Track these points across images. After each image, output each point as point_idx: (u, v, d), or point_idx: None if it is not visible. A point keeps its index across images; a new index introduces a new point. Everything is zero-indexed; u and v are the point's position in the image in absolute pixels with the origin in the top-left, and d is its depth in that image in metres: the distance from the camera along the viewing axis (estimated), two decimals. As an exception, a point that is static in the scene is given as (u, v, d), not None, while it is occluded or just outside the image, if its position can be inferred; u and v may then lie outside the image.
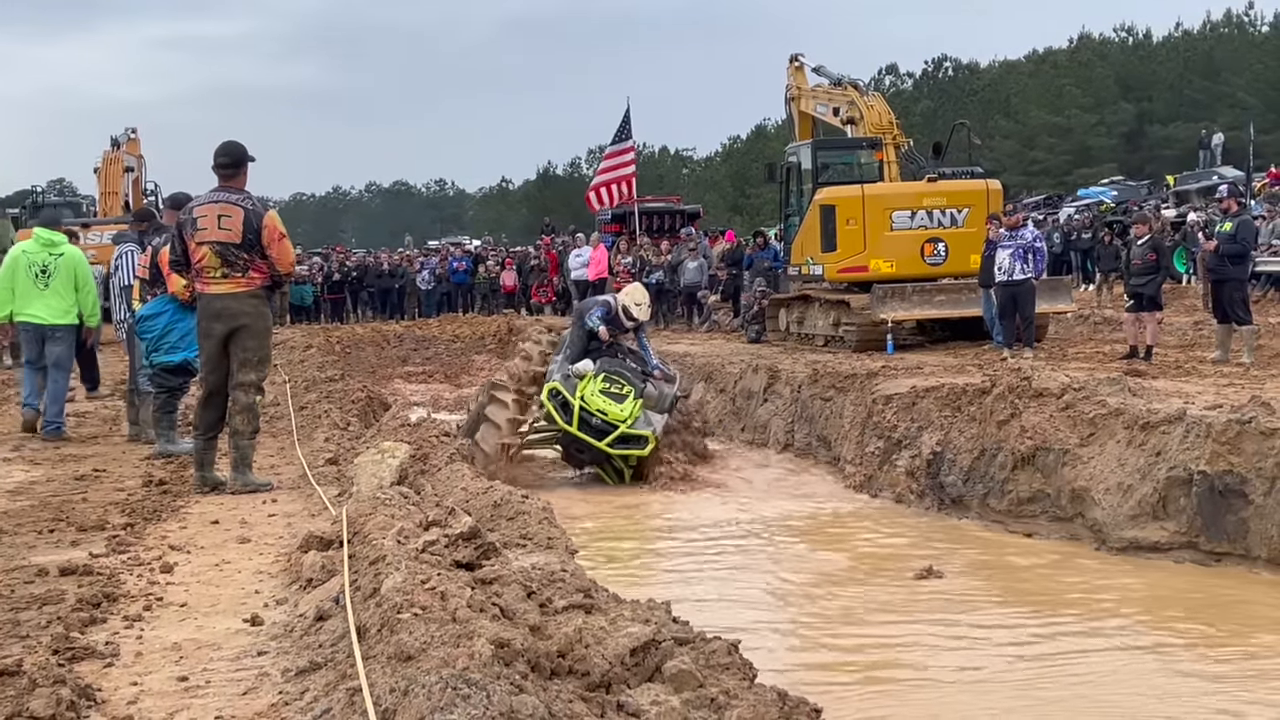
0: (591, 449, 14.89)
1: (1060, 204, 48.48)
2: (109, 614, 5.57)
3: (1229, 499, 10.33)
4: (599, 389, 14.90)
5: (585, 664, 4.04)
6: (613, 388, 14.99)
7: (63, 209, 37.92)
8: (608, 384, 15.01)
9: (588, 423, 14.73)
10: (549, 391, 15.16)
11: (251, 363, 9.04)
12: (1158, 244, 18.32)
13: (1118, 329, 20.36)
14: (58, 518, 7.97)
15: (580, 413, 14.70)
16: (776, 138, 67.07)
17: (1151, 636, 8.77)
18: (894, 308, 19.69)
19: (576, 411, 14.70)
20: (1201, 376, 14.78)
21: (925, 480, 13.58)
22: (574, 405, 14.73)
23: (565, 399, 14.89)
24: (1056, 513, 12.03)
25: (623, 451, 14.91)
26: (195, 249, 8.95)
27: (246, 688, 4.52)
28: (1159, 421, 11.20)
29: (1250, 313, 17.06)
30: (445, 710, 3.32)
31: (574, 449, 15.22)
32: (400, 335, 31.66)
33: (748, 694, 3.87)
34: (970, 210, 20.36)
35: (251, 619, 5.45)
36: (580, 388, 14.89)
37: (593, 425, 14.74)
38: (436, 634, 4.00)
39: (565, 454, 15.73)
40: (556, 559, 6.08)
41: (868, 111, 22.44)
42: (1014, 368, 13.80)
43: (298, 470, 9.79)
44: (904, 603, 9.74)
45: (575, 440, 14.93)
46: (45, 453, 11.32)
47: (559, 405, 14.93)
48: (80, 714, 4.13)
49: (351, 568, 5.53)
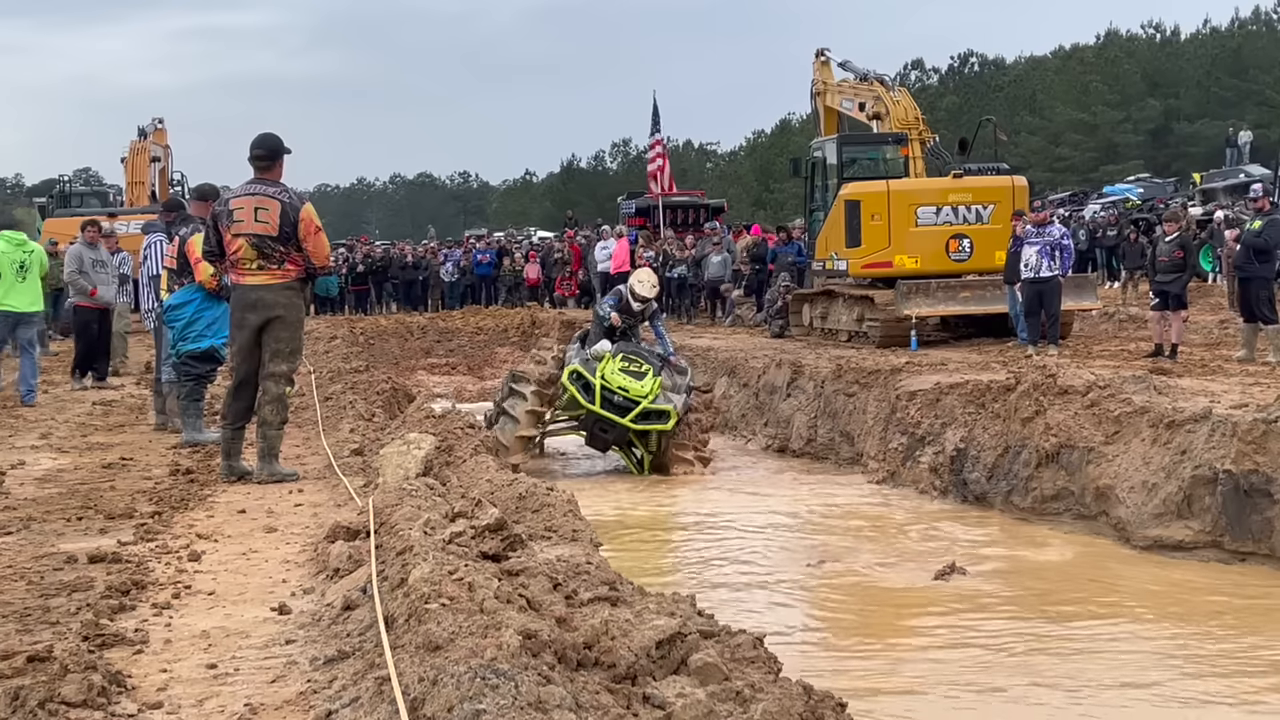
0: (615, 427, 15.01)
1: (1086, 201, 48.29)
2: (138, 601, 5.60)
3: (1254, 498, 10.29)
4: (618, 368, 15.08)
5: (611, 656, 4.05)
6: (631, 366, 15.18)
7: (89, 198, 38.22)
8: (626, 363, 15.21)
9: (610, 400, 14.88)
10: (569, 374, 15.30)
11: (284, 354, 9.08)
12: (1185, 242, 18.25)
13: (1143, 327, 20.29)
14: (86, 505, 8.02)
15: (602, 391, 14.86)
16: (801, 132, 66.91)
17: (1175, 638, 8.74)
18: (918, 304, 19.67)
19: (598, 390, 14.87)
20: (1227, 375, 14.73)
21: (949, 477, 13.57)
22: (595, 385, 14.88)
23: (586, 380, 15.03)
24: (1080, 510, 12.00)
25: (645, 427, 15.08)
26: (231, 240, 8.97)
27: (275, 676, 4.55)
28: (1184, 420, 11.16)
29: (1276, 312, 16.98)
30: (474, 700, 3.34)
31: (598, 429, 15.28)
32: (424, 327, 31.74)
33: (773, 688, 3.88)
34: (995, 207, 20.33)
35: (279, 608, 5.48)
36: (600, 368, 15.07)
37: (615, 403, 14.89)
38: (464, 624, 4.02)
39: (589, 437, 15.78)
40: (581, 551, 6.10)
41: (893, 107, 22.41)
42: (1039, 365, 13.78)
43: (323, 461, 9.84)
44: (927, 599, 9.74)
45: (599, 420, 15.05)
46: (73, 441, 11.40)
47: (580, 387, 15.04)
48: (111, 700, 4.16)
49: (378, 558, 5.56)
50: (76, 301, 16.65)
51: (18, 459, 10.10)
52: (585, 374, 15.10)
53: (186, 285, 10.85)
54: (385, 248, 43.70)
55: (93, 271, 16.16)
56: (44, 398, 14.73)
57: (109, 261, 16.70)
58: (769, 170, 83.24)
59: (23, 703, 3.87)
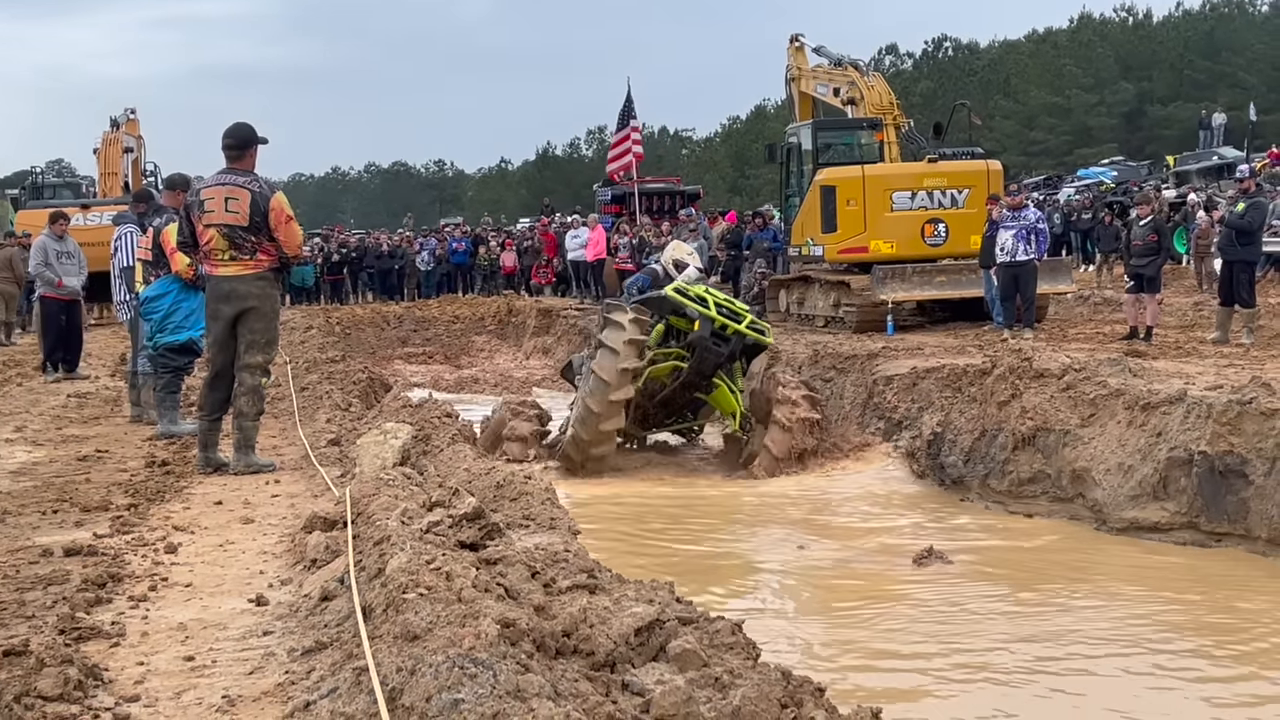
0: (728, 340, 14.11)
1: (1060, 184, 48.53)
2: (114, 594, 5.58)
3: (1229, 479, 10.34)
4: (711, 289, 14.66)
5: (590, 644, 4.05)
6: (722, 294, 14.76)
7: (62, 190, 37.99)
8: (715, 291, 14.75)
9: (721, 311, 14.15)
10: (674, 289, 14.46)
11: (259, 345, 9.06)
12: (1159, 225, 18.34)
13: (1118, 310, 20.37)
14: (61, 498, 7.99)
15: (714, 304, 14.17)
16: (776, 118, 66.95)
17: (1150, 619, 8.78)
18: (894, 288, 19.72)
19: (712, 303, 14.18)
20: (1202, 357, 14.81)
21: (926, 460, 13.60)
22: (707, 299, 14.22)
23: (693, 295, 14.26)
24: (1057, 493, 12.05)
25: (758, 337, 14.42)
26: (203, 231, 8.96)
27: (253, 667, 4.54)
28: (1159, 402, 11.21)
29: (1254, 294, 17.09)
30: (452, 689, 3.33)
31: (713, 341, 14.12)
32: (400, 316, 31.68)
33: (752, 673, 3.89)
34: (970, 191, 20.40)
35: (256, 599, 5.47)
36: (695, 289, 14.45)
37: (726, 313, 14.19)
38: (442, 614, 4.01)
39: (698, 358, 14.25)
40: (560, 539, 6.10)
41: (868, 92, 22.46)
42: (1014, 348, 13.82)
43: (300, 451, 9.81)
44: (905, 583, 9.76)
45: (714, 333, 14.06)
46: (48, 434, 11.35)
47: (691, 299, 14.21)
48: (88, 693, 4.15)
49: (356, 548, 5.55)
50: (44, 293, 16.61)
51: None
52: (689, 289, 14.40)
53: (163, 277, 10.80)
54: (360, 237, 43.58)
55: (58, 263, 16.18)
56: (18, 390, 14.67)
57: (76, 253, 16.67)
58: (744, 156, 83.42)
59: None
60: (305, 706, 3.97)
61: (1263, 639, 8.25)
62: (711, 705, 3.69)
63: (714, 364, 14.34)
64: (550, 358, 26.13)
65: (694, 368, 14.31)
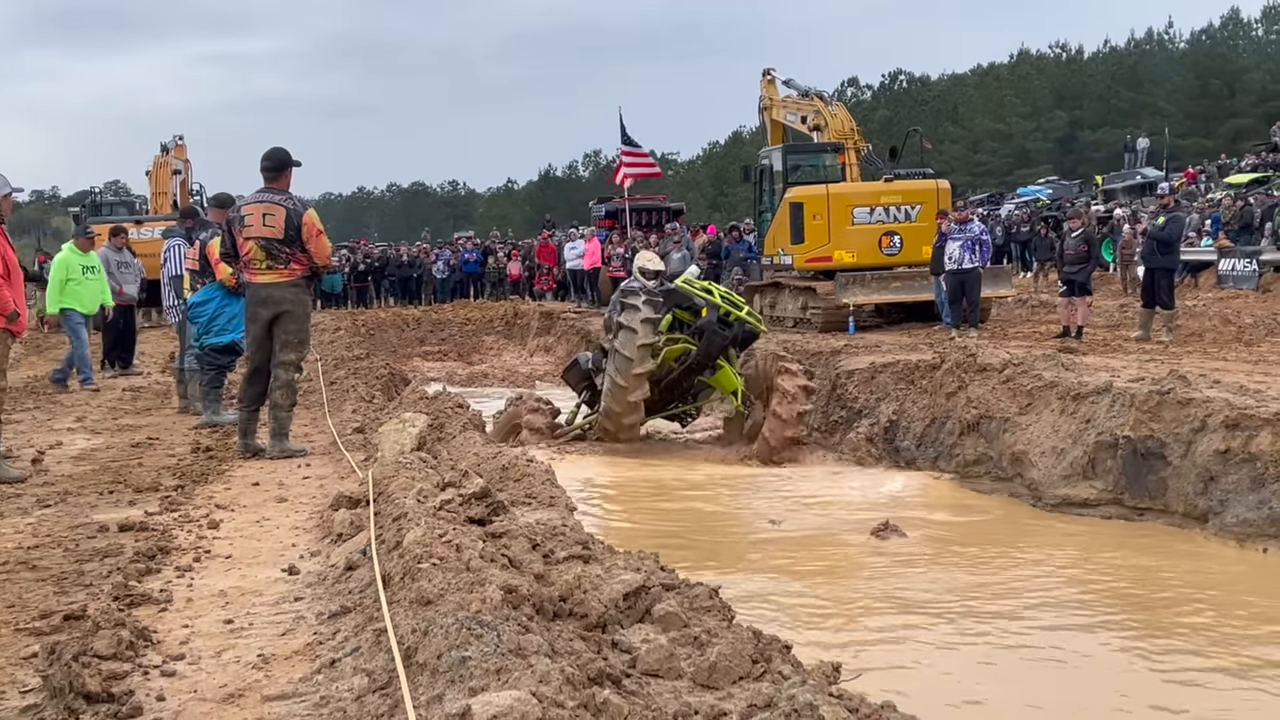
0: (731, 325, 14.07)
1: (1002, 201, 48.52)
2: (163, 565, 5.57)
3: (1150, 461, 10.37)
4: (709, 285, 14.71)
5: (584, 607, 4.05)
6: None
7: (118, 207, 37.88)
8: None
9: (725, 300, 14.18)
10: (685, 280, 14.48)
11: (292, 344, 9.05)
12: (1089, 236, 18.35)
13: (1052, 311, 20.37)
14: (116, 480, 7.97)
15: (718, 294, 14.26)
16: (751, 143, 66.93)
17: (1078, 586, 8.80)
18: (855, 293, 19.73)
19: (716, 292, 14.28)
20: (1126, 353, 14.82)
21: (883, 445, 13.60)
22: (711, 289, 14.30)
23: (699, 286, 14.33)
24: (998, 473, 12.06)
25: (754, 324, 14.37)
26: (243, 243, 8.96)
27: (285, 629, 4.53)
28: (1088, 393, 11.23)
29: (1174, 298, 17.12)
30: (461, 648, 3.33)
31: (719, 325, 14.06)
32: (418, 319, 31.65)
33: (727, 633, 3.88)
34: (922, 207, 20.39)
35: (289, 569, 5.45)
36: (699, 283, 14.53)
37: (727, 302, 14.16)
38: (453, 581, 4.01)
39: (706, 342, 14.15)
40: (558, 515, 6.09)
41: (832, 120, 22.46)
42: (961, 346, 13.84)
43: (329, 438, 9.79)
44: (864, 553, 9.76)
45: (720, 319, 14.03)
46: (105, 423, 11.32)
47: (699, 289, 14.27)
48: (139, 653, 4.14)
49: (377, 524, 5.54)
50: None
51: (55, 440, 10.03)
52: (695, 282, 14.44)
53: (208, 284, 10.78)
54: (383, 249, 43.48)
55: (118, 273, 16.12)
56: (77, 384, 14.61)
57: (133, 263, 16.64)
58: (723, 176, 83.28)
59: (59, 656, 3.85)
60: (331, 663, 3.97)
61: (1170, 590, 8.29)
62: (691, 661, 3.68)
63: (720, 346, 14.24)
64: (551, 355, 26.09)
65: (703, 349, 14.20)
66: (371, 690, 3.58)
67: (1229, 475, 9.63)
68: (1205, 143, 62.69)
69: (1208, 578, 8.77)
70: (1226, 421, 9.71)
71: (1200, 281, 25.79)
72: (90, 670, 3.78)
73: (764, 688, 3.43)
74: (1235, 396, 10.08)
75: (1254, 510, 9.36)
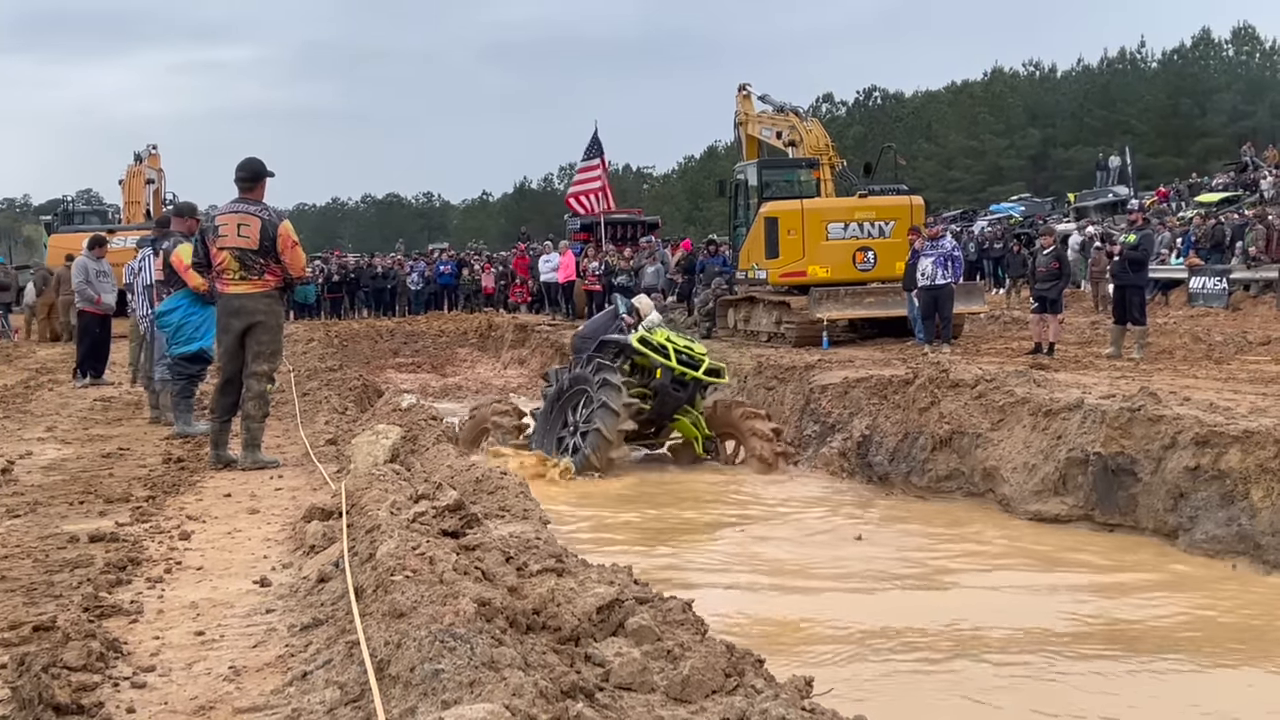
0: (688, 384, 14.24)
1: (975, 218, 48.70)
2: (133, 576, 5.54)
3: (1120, 477, 10.43)
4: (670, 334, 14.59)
5: (557, 620, 4.04)
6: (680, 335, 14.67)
7: (90, 216, 37.73)
8: (673, 331, 14.67)
9: (680, 359, 14.14)
10: (639, 339, 14.37)
11: (265, 355, 9.02)
12: (1060, 254, 18.48)
13: (1024, 328, 20.49)
14: (87, 491, 7.92)
15: (674, 351, 14.16)
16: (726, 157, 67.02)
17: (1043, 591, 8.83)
18: (829, 308, 19.80)
19: (672, 351, 14.18)
20: (1097, 370, 14.92)
21: (855, 460, 13.64)
22: (667, 347, 14.21)
23: (654, 344, 14.26)
24: (970, 489, 12.11)
25: (714, 380, 14.48)
26: (216, 253, 8.93)
27: (256, 641, 4.51)
28: (1060, 409, 11.29)
29: (1145, 315, 17.23)
30: (434, 660, 3.32)
31: (673, 387, 14.25)
32: (392, 330, 31.60)
33: (700, 646, 3.89)
34: (896, 223, 20.48)
35: (261, 581, 5.43)
36: (658, 336, 14.41)
37: (684, 361, 14.17)
38: (425, 594, 4.00)
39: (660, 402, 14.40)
40: (531, 528, 6.08)
41: (807, 135, 22.55)
42: (934, 361, 13.90)
43: (301, 449, 9.76)
44: (836, 567, 9.78)
45: (674, 379, 14.15)
46: (75, 433, 11.24)
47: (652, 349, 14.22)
48: (108, 664, 4.12)
49: (349, 535, 5.52)
50: (82, 307, 16.51)
51: (25, 449, 9.95)
52: (652, 338, 14.34)
53: (174, 293, 10.74)
54: (357, 260, 43.39)
55: (96, 282, 16.06)
56: (49, 395, 14.53)
57: (110, 272, 16.57)
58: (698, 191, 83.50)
59: (28, 667, 3.82)
60: (303, 676, 3.96)
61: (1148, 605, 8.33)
62: (664, 674, 3.69)
63: (674, 406, 14.61)
64: (525, 368, 26.07)
65: (656, 409, 14.56)
66: (344, 703, 3.57)
67: (1199, 492, 9.70)
68: (1177, 161, 63.20)
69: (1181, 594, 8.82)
70: (1196, 439, 9.79)
71: (1171, 299, 25.98)
72: (60, 682, 3.76)
73: (737, 702, 3.44)
74: (1205, 414, 10.16)
75: (1223, 527, 9.43)
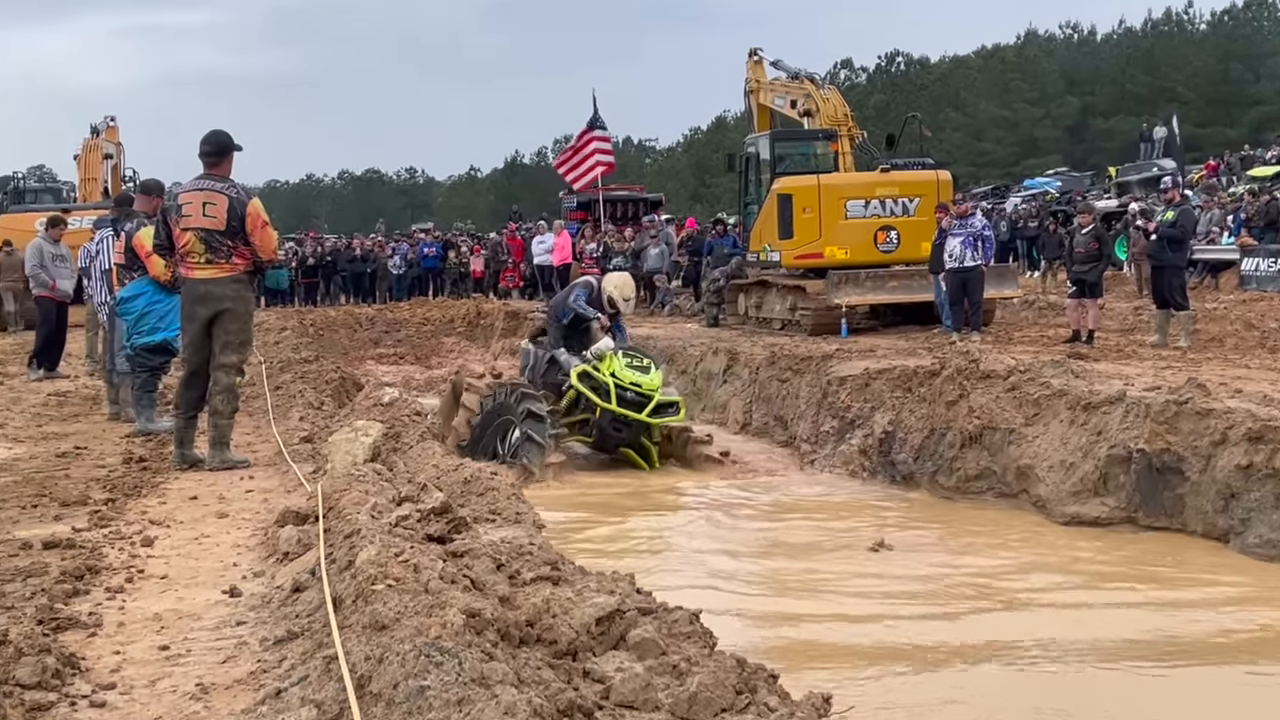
0: (631, 425, 14.28)
1: (1007, 194, 48.76)
2: (92, 586, 5.55)
3: (1166, 476, 10.43)
4: (624, 364, 14.37)
5: (553, 633, 4.05)
6: (634, 362, 14.52)
7: (43, 195, 37.70)
8: (628, 359, 14.51)
9: (624, 398, 14.08)
10: (579, 375, 14.37)
11: (233, 345, 9.02)
12: (1100, 233, 18.45)
13: (1061, 314, 20.48)
14: (41, 493, 7.92)
15: (616, 389, 14.06)
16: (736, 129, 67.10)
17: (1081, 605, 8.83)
18: (848, 293, 19.79)
19: (613, 389, 14.07)
20: (1141, 359, 14.91)
21: (877, 458, 13.64)
22: (609, 384, 14.10)
23: (596, 381, 14.22)
24: (1002, 489, 12.11)
25: (661, 421, 14.41)
26: (180, 234, 8.92)
27: (226, 656, 4.52)
28: (1100, 402, 11.29)
29: (1188, 298, 17.23)
30: (419, 677, 3.33)
31: (612, 429, 14.39)
32: (372, 318, 31.58)
33: (708, 661, 3.89)
34: (921, 200, 20.48)
35: (230, 590, 5.44)
36: (605, 367, 14.27)
37: (629, 400, 14.10)
38: (410, 604, 4.01)
39: (600, 438, 14.70)
40: (524, 533, 6.09)
41: (823, 104, 22.50)
42: (962, 351, 13.88)
43: (273, 448, 9.77)
44: (857, 574, 9.78)
45: (614, 419, 14.23)
46: (28, 431, 11.26)
47: (591, 388, 14.22)
48: (65, 682, 4.12)
49: (327, 541, 5.53)
50: (38, 293, 16.56)
51: (-27, 449, 9.97)
52: (594, 374, 14.26)
53: (137, 279, 10.73)
54: (334, 241, 43.40)
55: (52, 265, 16.08)
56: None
57: (68, 256, 16.59)
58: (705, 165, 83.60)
59: (-23, 685, 3.83)
60: (276, 694, 3.96)
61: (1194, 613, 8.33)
62: (669, 692, 3.69)
63: (614, 445, 14.75)
64: (517, 359, 26.04)
65: (597, 441, 14.83)
66: (321, 723, 3.57)
67: (1251, 492, 9.70)
68: (1227, 132, 63.18)
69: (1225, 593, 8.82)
70: (1249, 434, 9.78)
71: (1221, 283, 25.96)
72: (12, 700, 3.77)
73: (749, 721, 3.45)
74: (1259, 407, 10.16)
75: (1278, 530, 9.43)
